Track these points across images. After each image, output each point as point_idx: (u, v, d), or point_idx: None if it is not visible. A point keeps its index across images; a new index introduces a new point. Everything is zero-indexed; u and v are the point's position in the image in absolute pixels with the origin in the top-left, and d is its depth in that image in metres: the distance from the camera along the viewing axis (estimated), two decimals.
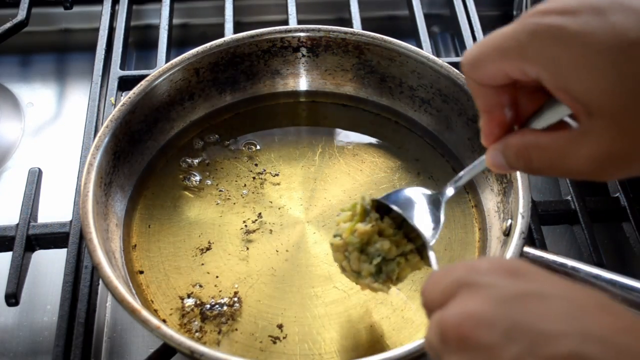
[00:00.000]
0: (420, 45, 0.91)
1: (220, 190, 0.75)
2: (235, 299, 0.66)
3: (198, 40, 0.80)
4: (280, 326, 0.64)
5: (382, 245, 0.57)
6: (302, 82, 0.84)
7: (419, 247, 0.59)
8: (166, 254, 0.69)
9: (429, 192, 0.61)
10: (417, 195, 0.61)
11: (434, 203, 0.60)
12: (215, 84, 0.80)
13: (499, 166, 0.48)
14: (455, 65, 0.77)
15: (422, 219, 0.59)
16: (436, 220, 0.59)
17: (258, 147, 0.79)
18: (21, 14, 0.94)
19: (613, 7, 0.39)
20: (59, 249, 0.73)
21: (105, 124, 0.69)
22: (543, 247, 0.73)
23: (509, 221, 0.65)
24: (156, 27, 0.95)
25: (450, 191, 0.59)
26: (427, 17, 0.97)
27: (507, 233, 0.65)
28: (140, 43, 1.04)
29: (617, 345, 0.34)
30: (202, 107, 0.81)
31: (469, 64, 0.45)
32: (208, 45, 0.78)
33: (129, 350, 0.71)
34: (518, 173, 0.65)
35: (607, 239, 0.79)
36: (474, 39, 0.94)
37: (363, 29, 0.91)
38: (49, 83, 0.99)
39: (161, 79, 0.75)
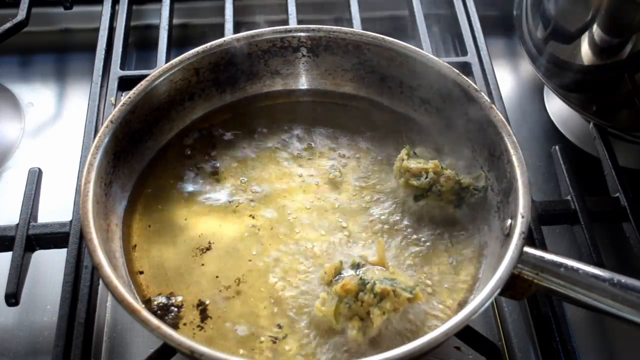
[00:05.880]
0: (420, 45, 0.91)
1: (221, 191, 0.75)
2: (235, 299, 0.66)
3: (198, 40, 0.80)
4: (279, 325, 0.64)
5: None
6: (302, 82, 0.84)
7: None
8: (166, 254, 0.69)
9: None
10: None
11: None
12: (215, 84, 0.80)
13: None
14: (455, 65, 0.77)
15: None
16: None
17: (258, 147, 0.79)
18: (21, 14, 0.94)
19: None
20: (59, 249, 0.73)
21: (105, 124, 0.69)
22: (543, 247, 0.73)
23: (509, 221, 0.65)
24: (156, 27, 0.95)
25: None
26: (427, 17, 0.97)
27: (507, 233, 0.65)
28: (140, 43, 1.04)
29: None
30: (202, 107, 0.81)
31: None
32: (208, 45, 0.78)
33: (129, 350, 0.71)
34: (518, 173, 0.65)
35: (607, 239, 0.79)
36: (474, 39, 0.94)
37: (363, 29, 0.91)
38: (49, 83, 0.99)
39: (161, 79, 0.75)
